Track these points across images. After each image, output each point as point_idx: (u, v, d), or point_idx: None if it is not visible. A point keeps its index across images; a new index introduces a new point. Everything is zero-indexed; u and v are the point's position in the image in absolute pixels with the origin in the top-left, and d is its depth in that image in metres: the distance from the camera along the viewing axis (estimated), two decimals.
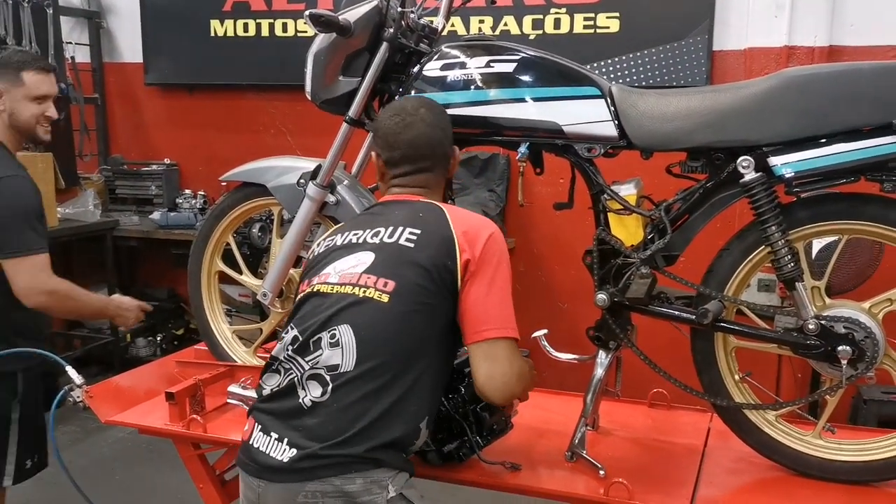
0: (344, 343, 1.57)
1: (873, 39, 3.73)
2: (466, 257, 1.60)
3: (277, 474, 1.56)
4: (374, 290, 1.59)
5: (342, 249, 1.69)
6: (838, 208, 1.74)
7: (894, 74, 1.64)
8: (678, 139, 1.78)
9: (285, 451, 1.56)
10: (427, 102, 1.83)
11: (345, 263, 1.65)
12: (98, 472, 3.88)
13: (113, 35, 5.34)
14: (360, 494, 1.53)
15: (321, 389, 1.57)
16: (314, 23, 1.92)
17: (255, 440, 1.62)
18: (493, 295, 1.61)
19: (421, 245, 1.61)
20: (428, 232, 1.63)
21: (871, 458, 1.78)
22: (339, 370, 1.56)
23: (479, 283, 1.60)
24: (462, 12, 4.19)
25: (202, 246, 2.47)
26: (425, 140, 1.77)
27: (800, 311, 1.75)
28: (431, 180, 1.81)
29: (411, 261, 1.60)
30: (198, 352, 2.62)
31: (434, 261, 1.60)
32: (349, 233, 1.73)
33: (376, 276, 1.60)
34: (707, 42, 3.94)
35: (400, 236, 1.64)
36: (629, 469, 1.83)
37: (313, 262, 1.75)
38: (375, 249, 1.64)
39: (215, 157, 4.89)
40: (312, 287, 1.68)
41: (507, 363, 1.61)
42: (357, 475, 1.53)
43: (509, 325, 1.62)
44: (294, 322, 1.67)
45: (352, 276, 1.62)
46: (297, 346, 1.62)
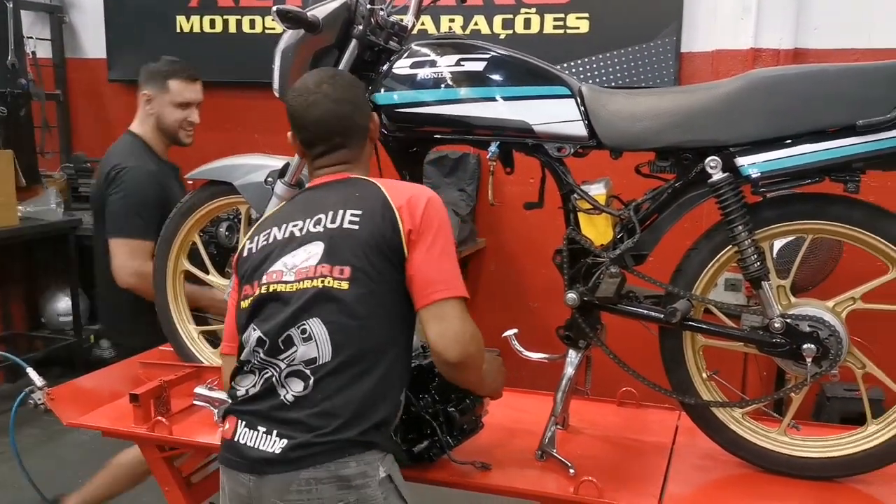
0: (316, 336, 1.57)
1: (837, 42, 3.79)
2: (408, 227, 1.61)
3: (270, 466, 1.55)
4: (332, 279, 1.58)
5: (287, 244, 1.66)
6: (804, 208, 1.76)
7: (858, 76, 1.67)
8: (647, 139, 1.79)
9: (276, 442, 1.55)
10: (330, 75, 1.80)
11: (296, 258, 1.63)
12: (61, 475, 3.80)
13: (75, 30, 5.24)
14: (354, 478, 1.54)
15: (303, 384, 1.56)
16: (282, 19, 1.90)
17: (241, 436, 1.60)
18: (436, 258, 1.62)
19: (365, 224, 1.61)
20: (369, 210, 1.63)
21: (835, 454, 1.81)
22: (318, 362, 1.56)
23: (421, 249, 1.61)
24: (432, 11, 4.19)
25: (168, 245, 2.44)
26: (332, 117, 1.74)
27: (766, 309, 1.77)
28: (352, 155, 1.78)
29: (359, 242, 1.60)
30: (163, 353, 2.59)
31: (380, 237, 1.60)
32: (287, 224, 1.69)
33: (330, 265, 1.59)
34: (675, 43, 3.98)
35: (343, 220, 1.63)
36: (599, 467, 1.84)
37: (255, 262, 1.69)
38: (323, 238, 1.62)
39: (181, 155, 4.81)
40: (268, 288, 1.64)
41: (457, 321, 1.61)
42: (351, 458, 1.54)
43: (456, 285, 1.63)
44: (255, 323, 1.65)
45: (307, 269, 1.60)
46: (267, 347, 1.61)
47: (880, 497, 1.78)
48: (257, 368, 1.62)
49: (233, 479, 1.62)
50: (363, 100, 1.82)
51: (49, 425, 4.15)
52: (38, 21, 5.17)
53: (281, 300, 1.62)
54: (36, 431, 4.22)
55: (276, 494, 1.55)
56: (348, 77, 1.84)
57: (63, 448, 4.11)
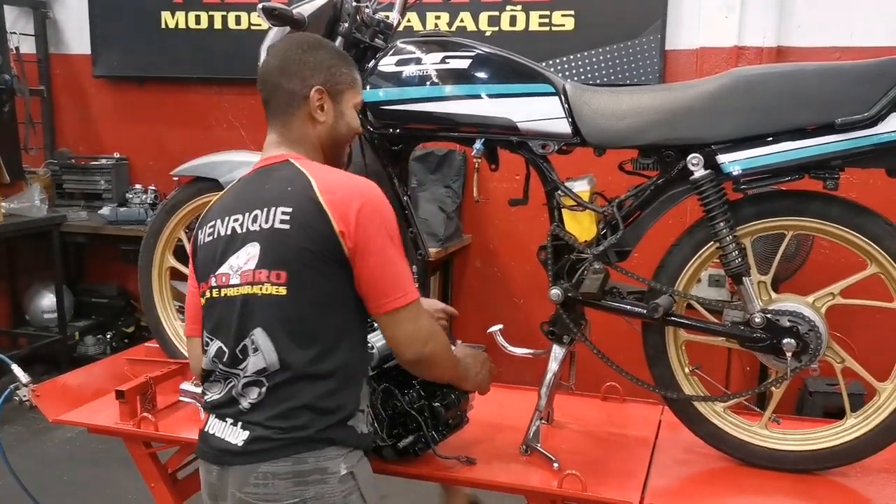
0: (261, 346, 1.56)
1: (820, 40, 3.83)
2: (341, 229, 1.54)
3: (233, 457, 1.57)
4: (270, 286, 1.56)
5: (230, 242, 1.63)
6: (783, 205, 1.79)
7: (837, 75, 1.69)
8: (630, 137, 1.81)
9: (239, 434, 1.57)
10: (287, 37, 1.80)
11: (239, 260, 1.60)
12: (45, 473, 3.79)
13: (59, 25, 5.21)
14: (310, 473, 1.54)
15: (257, 391, 1.58)
16: (267, 16, 1.91)
17: (211, 427, 1.63)
18: (382, 264, 1.58)
19: (296, 224, 1.56)
20: (299, 208, 1.57)
21: (815, 447, 1.84)
22: (268, 371, 1.57)
23: (366, 258, 1.57)
24: (418, 8, 4.19)
25: (153, 242, 2.44)
26: (263, 71, 1.73)
27: (746, 305, 1.79)
28: (287, 128, 1.69)
29: (292, 244, 1.56)
30: (149, 349, 2.59)
31: (313, 238, 1.55)
32: (229, 219, 1.65)
33: (268, 270, 1.57)
34: (660, 41, 4.00)
35: (274, 219, 1.57)
36: (582, 461, 1.86)
37: (205, 257, 1.68)
38: (259, 239, 1.59)
39: (166, 152, 4.81)
40: (219, 292, 1.63)
41: (410, 324, 1.61)
42: (309, 454, 1.54)
43: (406, 291, 1.60)
44: (211, 332, 1.65)
45: (248, 273, 1.58)
46: (227, 358, 1.61)
47: (858, 489, 1.81)
48: (221, 378, 1.64)
49: (203, 469, 1.65)
50: (304, 65, 1.68)
51: (34, 422, 4.14)
52: (21, 16, 5.12)
53: (229, 305, 1.60)
54: (20, 429, 4.21)
55: (235, 486, 1.57)
56: (300, 38, 1.76)
57: (48, 445, 4.10)
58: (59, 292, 4.89)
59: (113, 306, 5.16)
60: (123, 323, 5.15)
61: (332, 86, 1.70)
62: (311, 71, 1.68)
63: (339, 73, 1.72)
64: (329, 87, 1.69)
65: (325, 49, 1.73)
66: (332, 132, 1.72)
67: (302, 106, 1.68)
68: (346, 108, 1.74)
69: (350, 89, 1.74)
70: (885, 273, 1.75)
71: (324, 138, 1.72)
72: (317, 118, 1.69)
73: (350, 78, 1.75)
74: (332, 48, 1.77)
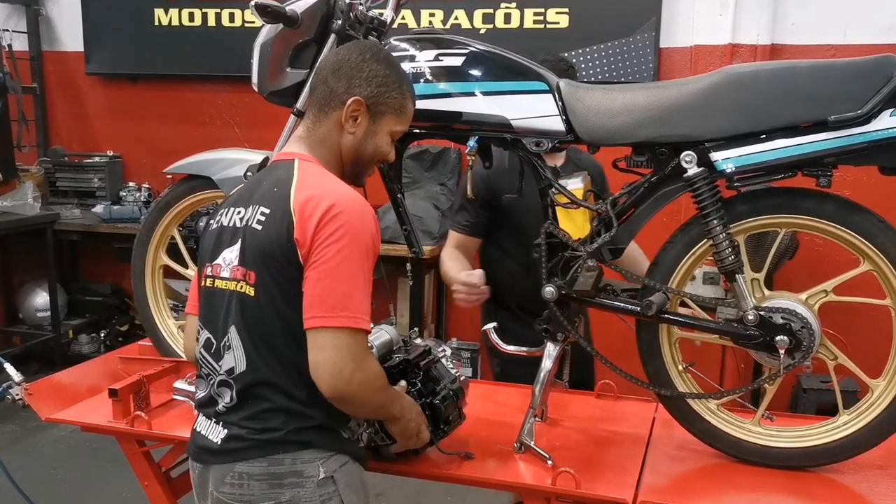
0: (234, 344, 1.56)
1: (813, 38, 3.84)
2: (296, 236, 1.50)
3: (211, 455, 1.58)
4: (244, 284, 1.56)
5: (229, 234, 1.62)
6: (777, 202, 1.79)
7: (829, 72, 1.69)
8: (623, 134, 1.80)
9: (219, 432, 1.58)
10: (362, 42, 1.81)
11: (232, 254, 1.60)
12: (39, 471, 3.78)
13: (52, 23, 5.19)
14: (286, 476, 1.53)
15: (229, 394, 1.58)
16: (260, 13, 1.90)
17: (199, 425, 1.65)
18: (323, 276, 1.49)
19: (267, 227, 1.54)
20: (274, 211, 1.55)
21: (808, 444, 1.84)
22: (235, 372, 1.56)
23: (313, 266, 1.50)
24: (413, 6, 4.19)
25: (146, 239, 2.43)
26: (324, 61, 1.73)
27: (740, 302, 1.79)
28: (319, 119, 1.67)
29: (260, 245, 1.54)
30: (142, 347, 2.58)
31: (277, 242, 1.52)
32: (233, 211, 1.64)
33: (244, 268, 1.56)
34: (654, 39, 4.01)
35: (253, 218, 1.57)
36: (576, 458, 1.86)
37: (206, 243, 1.68)
38: (241, 236, 1.59)
39: (160, 149, 4.80)
40: (211, 282, 1.64)
41: (333, 353, 1.48)
42: (285, 455, 1.53)
43: (340, 313, 1.48)
44: (203, 321, 1.66)
45: (234, 269, 1.58)
46: (212, 350, 1.62)
47: (851, 485, 1.81)
48: (205, 373, 1.65)
49: (191, 467, 1.67)
50: (358, 70, 1.64)
51: (27, 421, 4.14)
52: (13, 13, 5.11)
53: (219, 298, 1.61)
54: (14, 427, 4.20)
55: (213, 485, 1.58)
56: (372, 45, 1.74)
57: (42, 444, 4.09)
58: (52, 290, 4.88)
59: (107, 304, 5.16)
60: (117, 321, 5.15)
61: (374, 102, 1.65)
62: (361, 80, 1.64)
63: (387, 94, 1.66)
64: (371, 102, 1.65)
65: (389, 67, 1.68)
66: (357, 148, 1.68)
67: (337, 109, 1.65)
68: (380, 129, 1.69)
69: (393, 115, 1.69)
70: (877, 270, 1.76)
71: (347, 151, 1.68)
72: (346, 127, 1.65)
73: (398, 104, 1.69)
74: (398, 70, 1.71)
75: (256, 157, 2.17)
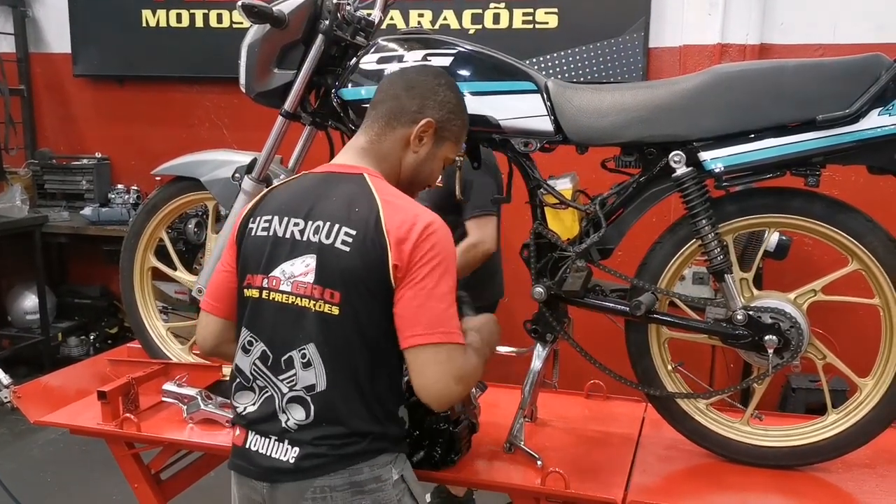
0: (314, 362, 1.55)
1: (802, 38, 3.85)
2: (395, 262, 1.52)
3: (284, 475, 1.56)
4: (325, 304, 1.55)
5: (287, 246, 1.60)
6: (765, 202, 1.79)
7: (817, 72, 1.69)
8: (612, 134, 1.80)
9: (288, 451, 1.56)
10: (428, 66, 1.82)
11: (294, 268, 1.58)
12: (28, 474, 3.76)
13: (39, 24, 5.16)
14: (367, 483, 1.55)
15: (304, 412, 1.56)
16: (247, 14, 1.89)
17: (252, 443, 1.60)
18: (422, 297, 1.52)
19: (355, 250, 1.53)
20: (362, 233, 1.54)
21: (796, 443, 1.85)
22: (317, 389, 1.55)
23: (409, 285, 1.53)
24: (401, 6, 4.19)
25: (134, 242, 2.42)
26: (391, 77, 1.73)
27: (729, 302, 1.80)
28: (385, 133, 1.67)
29: (349, 267, 1.54)
30: (131, 350, 2.57)
31: (369, 266, 1.53)
32: (289, 221, 1.61)
33: (322, 287, 1.55)
34: (643, 39, 4.01)
35: (336, 238, 1.55)
36: (566, 459, 1.86)
37: (255, 251, 1.64)
38: (317, 252, 1.57)
39: (148, 151, 4.77)
40: (268, 294, 1.60)
41: (434, 368, 1.52)
42: (364, 464, 1.55)
43: (439, 330, 1.52)
44: (254, 331, 1.62)
45: (304, 286, 1.56)
46: (270, 363, 1.59)
47: (839, 484, 1.82)
48: (258, 386, 1.61)
49: (246, 486, 1.62)
50: (432, 92, 1.67)
51: (15, 424, 4.11)
52: (0, 15, 5.08)
53: (277, 311, 1.59)
54: (3, 430, 4.17)
55: (289, 501, 1.56)
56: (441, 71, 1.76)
57: (31, 447, 4.06)
58: (41, 293, 4.86)
59: (96, 307, 5.13)
60: (107, 324, 5.12)
61: (441, 127, 1.68)
62: (434, 102, 1.67)
63: (453, 122, 1.70)
64: (439, 126, 1.68)
65: (458, 96, 1.73)
66: (417, 168, 1.70)
67: (406, 126, 1.66)
68: (439, 154, 1.72)
69: (453, 142, 1.73)
70: (865, 269, 1.76)
71: (407, 169, 1.70)
72: (412, 145, 1.67)
73: (459, 133, 1.74)
74: (464, 102, 1.75)
75: (244, 159, 2.17)
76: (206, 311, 1.76)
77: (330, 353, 1.55)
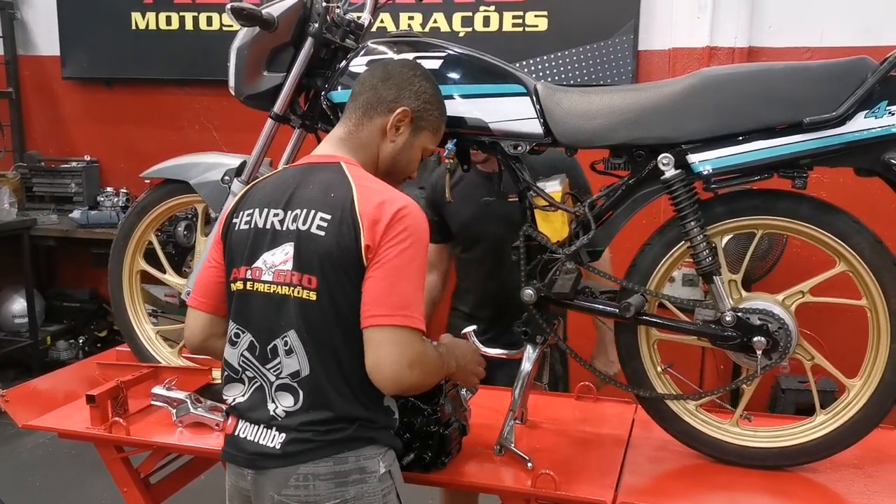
0: (295, 349, 1.57)
1: (790, 41, 3.87)
2: (367, 243, 1.53)
3: (270, 460, 1.57)
4: (302, 289, 1.57)
5: (267, 237, 1.62)
6: (753, 204, 1.80)
7: (804, 75, 1.70)
8: (601, 136, 1.81)
9: (275, 437, 1.57)
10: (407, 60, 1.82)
11: (275, 258, 1.60)
12: (17, 479, 3.74)
13: (28, 26, 5.14)
14: (351, 473, 1.55)
15: (292, 399, 1.57)
16: (236, 16, 1.89)
17: (241, 430, 1.62)
18: (388, 276, 1.53)
19: (331, 233, 1.55)
20: (336, 217, 1.56)
21: (785, 444, 1.85)
22: (301, 375, 1.57)
23: (375, 268, 1.53)
24: (391, 9, 4.19)
25: (123, 245, 2.41)
26: (369, 72, 1.74)
27: (717, 303, 1.80)
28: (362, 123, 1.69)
29: (324, 252, 1.55)
30: (120, 353, 2.56)
31: (343, 250, 1.54)
32: (269, 212, 1.63)
33: (300, 273, 1.57)
34: (633, 42, 4.03)
35: (311, 223, 1.57)
36: (556, 460, 1.86)
37: (238, 244, 1.66)
38: (295, 239, 1.59)
39: (138, 154, 4.76)
40: (252, 285, 1.62)
41: (394, 349, 1.52)
42: (350, 453, 1.55)
43: (403, 313, 1.52)
44: (240, 323, 1.64)
45: (284, 274, 1.58)
46: (258, 353, 1.61)
47: (828, 485, 1.82)
48: (247, 377, 1.63)
49: (234, 473, 1.64)
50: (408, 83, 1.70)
51: (3, 428, 4.08)
52: None
53: (260, 301, 1.61)
54: None
55: (274, 488, 1.56)
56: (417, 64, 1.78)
57: (20, 451, 4.04)
58: (29, 297, 4.84)
59: (85, 310, 5.11)
60: (96, 327, 5.10)
61: (418, 117, 1.71)
62: (410, 92, 1.70)
63: (430, 112, 1.73)
64: (416, 115, 1.71)
65: (434, 87, 1.75)
66: (394, 158, 1.73)
67: (382, 115, 1.69)
68: (417, 144, 1.74)
69: (430, 132, 1.76)
70: (853, 271, 1.77)
71: (384, 158, 1.72)
72: (388, 134, 1.70)
73: (437, 123, 1.77)
74: (440, 93, 1.77)
75: (234, 161, 2.16)
76: (192, 306, 1.77)
77: (310, 338, 1.56)
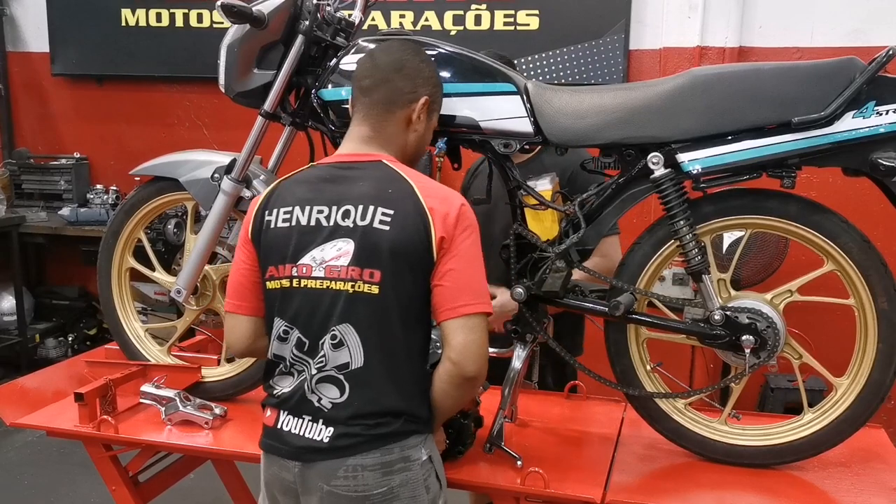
0: (349, 342, 1.58)
1: (780, 41, 3.89)
2: (441, 235, 1.56)
3: (317, 454, 1.58)
4: (363, 283, 1.57)
5: (313, 233, 1.61)
6: (742, 203, 1.81)
7: (793, 75, 1.71)
8: (591, 135, 1.81)
9: (322, 430, 1.59)
10: (400, 41, 1.81)
11: (325, 253, 1.60)
12: (5, 477, 3.72)
13: (17, 22, 5.11)
14: (396, 462, 1.58)
15: (337, 391, 1.58)
16: (227, 13, 1.88)
17: (285, 423, 1.63)
18: (466, 267, 1.58)
19: (396, 227, 1.57)
20: (401, 211, 1.58)
21: (773, 442, 1.86)
22: (351, 367, 1.58)
23: (452, 257, 1.57)
24: (383, 7, 4.18)
25: (112, 242, 2.40)
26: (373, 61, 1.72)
27: (706, 302, 1.81)
28: (385, 119, 1.68)
29: (390, 246, 1.56)
30: (109, 351, 2.55)
31: (411, 243, 1.57)
32: (311, 209, 1.63)
33: (360, 268, 1.57)
34: (624, 41, 4.04)
35: (373, 218, 1.58)
36: (546, 458, 1.86)
37: (278, 241, 1.64)
38: (353, 236, 1.59)
39: (128, 151, 4.75)
40: (299, 282, 1.62)
41: (481, 335, 1.59)
42: (395, 445, 1.58)
43: (485, 299, 1.60)
44: (288, 319, 1.63)
45: (338, 269, 1.58)
46: (306, 348, 1.62)
47: (815, 482, 1.84)
48: (296, 370, 1.64)
49: (276, 465, 1.64)
50: (420, 71, 1.71)
51: None
52: None
53: (310, 297, 1.61)
54: None
55: (322, 479, 1.58)
56: (415, 46, 1.78)
57: (8, 449, 4.02)
58: (18, 294, 4.81)
59: (74, 308, 5.09)
60: (85, 325, 5.08)
61: (433, 101, 1.74)
62: (424, 80, 1.72)
63: (439, 95, 1.77)
64: (432, 101, 1.73)
65: (434, 68, 1.77)
66: (418, 144, 1.75)
67: (405, 107, 1.69)
68: (430, 126, 1.77)
69: (437, 112, 1.79)
70: (840, 270, 1.78)
71: (411, 147, 1.74)
72: (413, 125, 1.71)
73: (441, 104, 1.80)
74: (437, 70, 1.79)
75: (224, 159, 2.16)
76: (231, 312, 1.75)
77: (369, 332, 1.58)
